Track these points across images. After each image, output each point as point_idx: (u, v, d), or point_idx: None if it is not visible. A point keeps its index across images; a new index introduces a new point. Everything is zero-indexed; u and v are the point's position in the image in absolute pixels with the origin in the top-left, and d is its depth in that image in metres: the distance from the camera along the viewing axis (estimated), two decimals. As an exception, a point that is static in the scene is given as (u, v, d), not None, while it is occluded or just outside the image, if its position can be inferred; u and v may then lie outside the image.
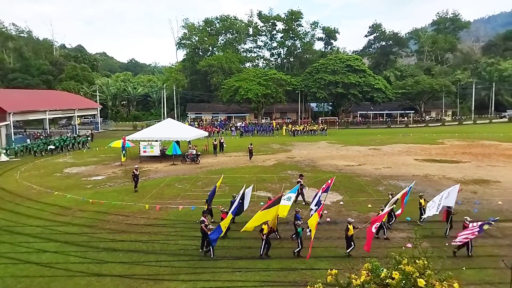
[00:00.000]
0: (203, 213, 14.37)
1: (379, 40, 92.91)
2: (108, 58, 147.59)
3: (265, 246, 13.16)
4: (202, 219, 13.76)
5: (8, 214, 18.63)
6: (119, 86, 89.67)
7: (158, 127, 36.71)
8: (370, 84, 67.60)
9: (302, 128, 56.98)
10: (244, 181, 24.59)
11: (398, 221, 16.32)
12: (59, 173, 29.17)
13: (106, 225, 16.84)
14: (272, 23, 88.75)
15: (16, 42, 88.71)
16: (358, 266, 11.88)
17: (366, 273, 4.15)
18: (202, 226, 13.45)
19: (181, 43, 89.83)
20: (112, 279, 11.85)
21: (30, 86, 77.81)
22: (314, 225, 12.83)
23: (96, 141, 49.42)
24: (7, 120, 45.08)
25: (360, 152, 36.74)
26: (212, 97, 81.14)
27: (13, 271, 12.47)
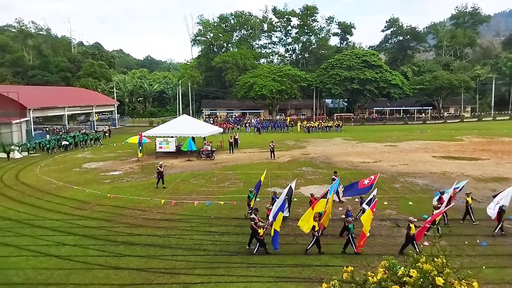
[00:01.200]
0: (254, 210, 14.25)
1: (396, 35, 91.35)
2: (124, 55, 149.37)
3: (314, 242, 13.03)
4: (253, 216, 13.69)
5: (29, 207, 19.15)
6: (136, 83, 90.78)
7: (174, 124, 37.06)
8: (386, 80, 66.63)
9: (317, 125, 56.60)
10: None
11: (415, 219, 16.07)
12: (78, 168, 29.78)
13: (123, 219, 17.15)
14: (287, 18, 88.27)
15: (36, 39, 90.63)
16: (374, 263, 11.80)
17: (383, 271, 4.12)
18: (252, 224, 13.35)
19: (196, 40, 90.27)
20: (129, 272, 12.08)
21: (49, 83, 79.49)
22: (368, 221, 12.64)
23: (114, 137, 50.22)
24: (27, 116, 46.24)
25: (376, 149, 36.33)
26: (227, 93, 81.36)
27: (34, 263, 12.83)
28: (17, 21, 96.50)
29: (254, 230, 13.28)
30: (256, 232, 13.16)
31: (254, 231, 13.25)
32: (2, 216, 17.82)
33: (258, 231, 13.10)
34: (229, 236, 14.94)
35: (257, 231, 13.12)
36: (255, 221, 13.38)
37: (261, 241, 13.17)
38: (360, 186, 16.47)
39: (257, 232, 13.13)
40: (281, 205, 13.58)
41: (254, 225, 13.26)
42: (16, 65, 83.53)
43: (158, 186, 22.42)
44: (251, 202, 16.69)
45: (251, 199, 16.70)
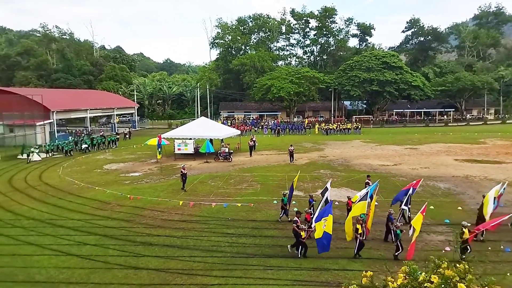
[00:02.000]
0: (296, 213, 14.06)
1: (417, 36, 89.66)
2: (145, 59, 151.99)
3: (359, 246, 12.88)
4: (295, 219, 13.55)
5: (52, 207, 19.66)
6: (155, 85, 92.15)
7: (192, 126, 37.40)
8: (407, 81, 65.48)
9: (335, 127, 56.09)
10: (276, 180, 24.65)
11: (436, 223, 15.75)
12: (99, 169, 30.41)
13: (142, 220, 17.39)
14: (305, 20, 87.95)
15: (59, 43, 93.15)
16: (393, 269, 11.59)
17: (404, 276, 4.04)
18: (294, 227, 13.21)
19: (214, 43, 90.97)
20: (148, 272, 12.23)
21: (72, 86, 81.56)
22: (419, 225, 12.40)
23: (134, 138, 51.09)
24: (50, 118, 47.55)
25: (396, 152, 35.72)
26: (245, 95, 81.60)
27: (56, 262, 13.15)
28: (41, 25, 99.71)
29: (296, 233, 13.10)
30: (299, 235, 12.98)
31: (297, 234, 13.07)
32: (26, 215, 18.35)
33: (301, 234, 12.94)
34: (246, 238, 14.95)
35: (300, 233, 12.95)
36: (297, 223, 13.22)
37: (303, 244, 13.00)
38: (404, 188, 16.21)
39: (300, 235, 12.95)
40: (328, 207, 13.24)
41: (297, 228, 13.08)
42: (40, 69, 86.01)
43: (185, 188, 22.27)
44: (285, 205, 16.55)
45: (285, 203, 16.55)
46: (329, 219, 12.62)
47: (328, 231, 12.50)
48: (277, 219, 16.97)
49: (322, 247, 12.57)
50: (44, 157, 36.41)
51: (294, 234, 13.26)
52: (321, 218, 12.64)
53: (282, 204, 16.66)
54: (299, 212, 14.18)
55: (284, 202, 16.58)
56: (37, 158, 35.04)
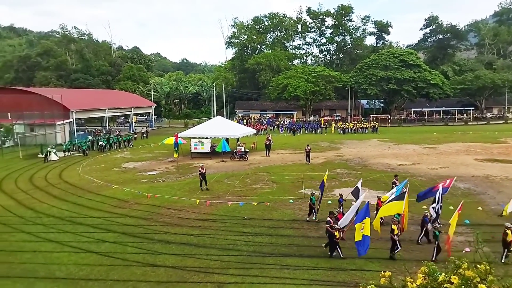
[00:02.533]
0: (329, 214, 13.92)
1: (436, 33, 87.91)
2: (161, 59, 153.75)
3: (395, 247, 12.72)
4: (328, 219, 13.36)
5: (71, 205, 20.10)
6: (172, 85, 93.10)
7: (208, 125, 37.66)
8: (425, 80, 64.31)
9: (351, 126, 55.56)
10: (292, 179, 24.59)
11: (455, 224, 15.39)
12: (117, 167, 30.93)
13: (160, 218, 17.62)
14: (321, 19, 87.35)
15: (78, 44, 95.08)
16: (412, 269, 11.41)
17: (423, 277, 3.98)
18: (327, 227, 13.06)
19: (230, 42, 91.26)
20: (165, 270, 12.39)
21: (91, 86, 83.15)
22: (453, 224, 12.27)
23: (151, 138, 51.75)
24: (70, 118, 48.62)
25: (414, 151, 35.14)
26: (260, 95, 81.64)
27: (76, 259, 13.44)
28: (61, 26, 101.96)
29: (330, 234, 12.98)
30: (333, 235, 12.83)
31: (330, 234, 12.93)
32: (46, 213, 18.81)
33: (335, 234, 12.79)
34: (263, 237, 14.97)
35: (334, 234, 12.81)
36: (330, 224, 13.05)
37: (337, 244, 12.87)
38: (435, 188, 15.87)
39: (334, 235, 12.81)
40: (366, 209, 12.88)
41: (330, 228, 12.96)
42: (60, 69, 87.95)
43: (202, 187, 22.30)
44: (314, 205, 16.41)
45: (313, 202, 16.40)
46: (367, 222, 12.43)
47: (366, 233, 12.30)
48: (292, 219, 16.95)
49: (363, 250, 12.35)
50: (62, 156, 36.95)
51: (328, 235, 13.07)
52: (361, 219, 12.40)
53: (310, 203, 16.45)
54: (332, 213, 13.96)
55: (313, 202, 16.36)
56: (54, 158, 35.43)
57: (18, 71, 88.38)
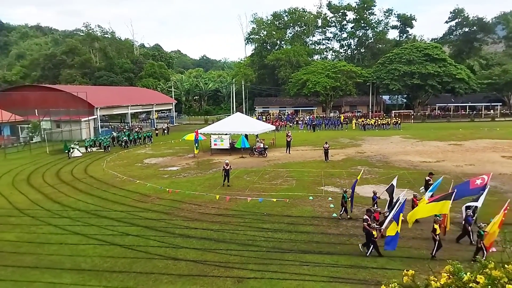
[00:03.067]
0: (367, 211, 13.73)
1: (462, 26, 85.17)
2: (182, 56, 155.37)
3: (437, 247, 12.47)
4: (365, 217, 13.10)
5: (96, 199, 20.65)
6: (192, 82, 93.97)
7: (228, 121, 37.82)
8: (451, 74, 62.50)
9: (373, 122, 54.65)
10: (312, 176, 24.46)
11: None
12: (140, 163, 31.52)
13: (181, 212, 17.88)
14: (342, 13, 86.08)
15: (102, 42, 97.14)
16: (435, 268, 11.18)
17: (447, 276, 3.90)
18: (365, 225, 12.82)
19: (249, 38, 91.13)
20: (186, 263, 12.58)
21: (114, 83, 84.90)
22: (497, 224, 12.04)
23: (172, 134, 52.45)
24: (94, 114, 49.80)
25: (439, 148, 34.31)
26: (280, 91, 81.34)
27: (100, 251, 13.82)
28: (84, 25, 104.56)
29: (368, 232, 12.77)
30: (371, 234, 12.63)
31: (368, 233, 12.76)
32: (73, 206, 19.39)
33: (373, 233, 12.58)
34: (282, 233, 14.98)
35: (371, 232, 12.60)
36: (367, 222, 12.81)
37: (375, 243, 12.66)
38: (472, 186, 15.38)
39: (372, 234, 12.60)
40: (401, 207, 12.74)
41: (368, 226, 12.70)
42: (84, 67, 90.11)
43: (225, 184, 22.34)
44: (345, 202, 16.21)
45: (345, 200, 16.17)
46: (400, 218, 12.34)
47: (398, 230, 12.19)
48: (312, 216, 16.88)
49: (391, 245, 12.24)
50: (84, 152, 37.56)
51: (366, 233, 12.84)
52: (398, 216, 12.25)
53: (342, 201, 16.24)
54: (369, 211, 13.71)
55: (345, 199, 16.13)
56: (77, 154, 35.95)
57: (44, 69, 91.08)
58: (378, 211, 14.08)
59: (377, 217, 13.71)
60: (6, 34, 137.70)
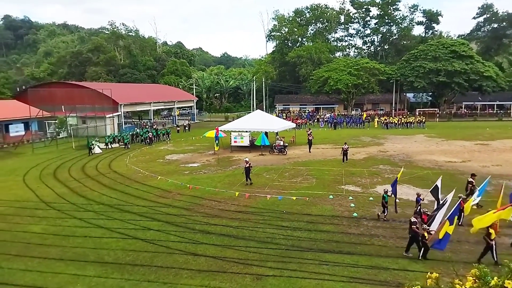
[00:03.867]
0: (415, 213, 13.42)
1: (490, 22, 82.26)
2: (203, 53, 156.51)
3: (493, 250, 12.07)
4: (414, 220, 12.60)
5: (120, 194, 21.11)
6: (213, 79, 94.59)
7: (248, 119, 37.89)
8: (478, 72, 60.55)
9: (396, 120, 53.59)
10: (332, 175, 24.22)
11: (508, 226, 14.51)
12: (161, 159, 32.01)
13: (201, 209, 18.06)
14: (366, 9, 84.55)
15: (126, 40, 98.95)
16: (460, 271, 10.88)
17: (473, 280, 3.79)
18: (414, 228, 12.33)
19: (271, 35, 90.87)
20: (206, 259, 12.70)
21: (137, 80, 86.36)
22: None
23: (193, 130, 52.98)
24: (118, 111, 50.84)
25: (465, 148, 33.34)
26: (300, 88, 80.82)
27: (123, 245, 14.12)
28: (109, 23, 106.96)
29: (416, 234, 12.35)
30: (419, 236, 12.28)
31: (417, 235, 12.34)
32: (97, 200, 19.89)
33: (424, 235, 12.23)
34: (301, 231, 14.90)
35: (421, 235, 12.25)
36: (416, 225, 12.36)
37: (426, 245, 12.30)
38: None
39: (420, 236, 12.25)
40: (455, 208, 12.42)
41: (417, 229, 12.29)
42: (109, 64, 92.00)
43: (248, 182, 22.31)
44: (386, 202, 15.86)
45: (386, 200, 15.84)
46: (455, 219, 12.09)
47: (449, 231, 11.87)
48: (332, 215, 16.73)
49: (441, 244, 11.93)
50: (103, 148, 37.75)
51: (412, 236, 12.47)
52: (453, 217, 11.94)
53: (383, 201, 15.89)
54: (418, 213, 13.36)
55: (385, 200, 15.78)
56: (98, 151, 36.00)
57: (71, 66, 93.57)
58: (427, 213, 13.56)
59: (425, 220, 13.11)
60: (34, 33, 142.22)
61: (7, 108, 46.19)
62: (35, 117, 44.35)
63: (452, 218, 11.93)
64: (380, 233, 14.49)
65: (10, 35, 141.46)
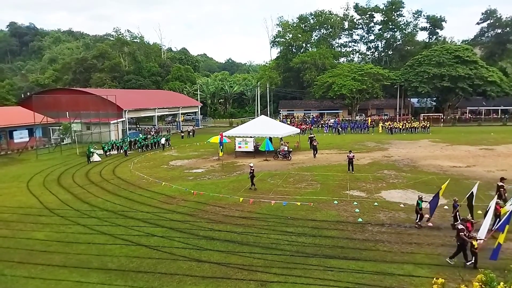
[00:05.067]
0: (462, 221, 13.00)
1: (494, 28, 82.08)
2: (208, 59, 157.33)
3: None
4: (461, 227, 12.25)
5: (123, 200, 21.12)
6: (217, 85, 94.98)
7: (252, 124, 37.93)
8: (482, 77, 60.37)
9: (400, 125, 53.40)
10: (337, 180, 24.11)
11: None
12: (165, 165, 32.05)
13: (205, 214, 18.02)
14: (370, 15, 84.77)
15: (131, 47, 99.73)
16: (465, 277, 10.75)
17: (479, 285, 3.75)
18: (462, 235, 11.97)
19: (275, 41, 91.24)
20: (210, 265, 12.64)
21: (142, 86, 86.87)
22: None
23: (197, 136, 53.09)
24: (123, 117, 51.08)
25: (469, 152, 33.13)
26: (305, 93, 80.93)
27: (127, 251, 14.09)
28: (114, 30, 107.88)
29: (464, 242, 11.97)
30: (467, 244, 11.96)
31: (465, 242, 11.97)
32: (101, 207, 19.90)
33: (472, 243, 11.86)
34: (306, 237, 14.82)
35: (469, 243, 11.91)
36: (464, 232, 12.02)
37: (475, 254, 11.92)
38: None
39: (467, 244, 11.93)
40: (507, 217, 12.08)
41: (465, 236, 11.94)
42: (114, 71, 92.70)
43: (252, 187, 22.32)
44: (420, 209, 15.42)
45: (420, 207, 15.42)
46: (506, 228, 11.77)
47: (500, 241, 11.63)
48: (337, 220, 16.63)
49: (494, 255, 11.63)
50: (101, 155, 36.77)
51: (460, 244, 12.11)
52: (504, 227, 11.71)
53: (417, 208, 15.50)
54: (465, 220, 13.03)
55: (420, 207, 15.38)
56: (97, 159, 34.77)
57: (76, 73, 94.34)
58: (471, 220, 13.08)
59: (469, 228, 12.66)
60: (39, 39, 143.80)
61: (11, 114, 46.59)
62: (39, 123, 44.65)
63: (503, 227, 11.66)
64: (385, 239, 14.37)
65: (15, 42, 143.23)
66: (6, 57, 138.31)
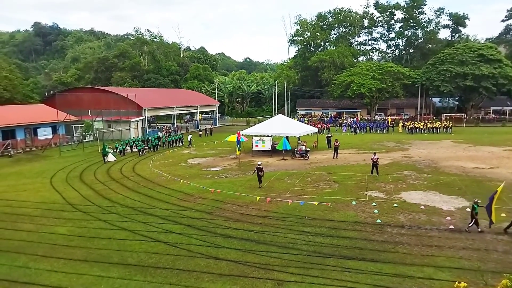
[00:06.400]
0: None
1: (520, 25, 79.62)
2: (225, 58, 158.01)
3: None
4: None
5: (143, 197, 21.46)
6: (235, 84, 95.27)
7: (270, 123, 37.87)
8: (507, 76, 58.54)
9: (421, 125, 52.34)
10: (355, 180, 23.85)
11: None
12: (184, 163, 32.39)
13: (222, 213, 18.13)
14: (390, 12, 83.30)
15: (150, 46, 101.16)
16: (488, 281, 10.48)
17: (504, 291, 3.64)
18: None
19: (293, 40, 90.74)
20: (227, 263, 12.72)
21: (161, 85, 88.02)
22: None
23: (215, 135, 53.42)
24: (143, 115, 51.87)
25: (493, 154, 32.22)
26: (323, 92, 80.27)
27: (146, 247, 14.31)
28: (135, 30, 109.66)
29: None
30: None
31: None
32: (121, 203, 20.28)
33: None
34: (323, 237, 14.72)
35: None
36: None
37: None
38: None
39: None
40: None
41: None
42: (134, 70, 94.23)
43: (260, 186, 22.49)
44: (476, 214, 14.83)
45: (476, 211, 14.85)
46: None
47: None
48: (355, 221, 16.45)
49: None
50: (117, 154, 36.64)
51: None
52: None
53: (472, 212, 14.98)
54: None
55: (475, 211, 14.87)
56: (112, 159, 34.29)
57: (97, 72, 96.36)
58: None
59: None
60: (62, 39, 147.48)
61: (35, 112, 47.92)
62: (62, 121, 45.81)
63: None
64: (404, 241, 14.14)
65: (39, 42, 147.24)
66: (31, 56, 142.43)
